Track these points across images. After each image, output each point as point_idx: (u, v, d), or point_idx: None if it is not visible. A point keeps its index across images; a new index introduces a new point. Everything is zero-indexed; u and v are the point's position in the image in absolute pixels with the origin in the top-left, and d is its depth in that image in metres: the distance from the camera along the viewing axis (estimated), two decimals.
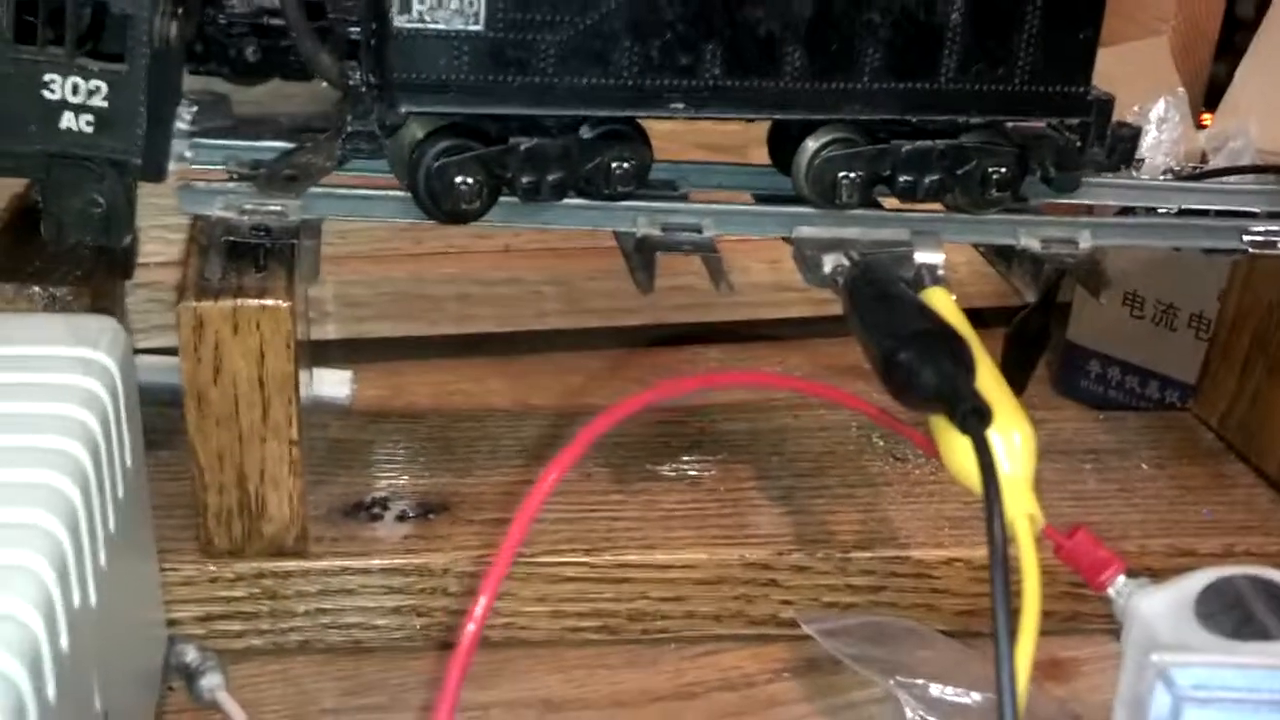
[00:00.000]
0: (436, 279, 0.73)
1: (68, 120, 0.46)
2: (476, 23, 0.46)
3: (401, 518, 0.55)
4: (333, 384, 0.58)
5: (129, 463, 0.44)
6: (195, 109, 0.52)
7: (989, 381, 0.45)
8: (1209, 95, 1.01)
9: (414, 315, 0.73)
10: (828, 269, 0.52)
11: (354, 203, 0.50)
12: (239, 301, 0.48)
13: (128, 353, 0.45)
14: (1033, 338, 0.72)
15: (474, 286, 0.72)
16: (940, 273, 0.53)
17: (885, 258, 0.53)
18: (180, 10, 0.48)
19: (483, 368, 0.71)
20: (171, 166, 0.49)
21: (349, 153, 0.48)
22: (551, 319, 0.71)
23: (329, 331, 0.72)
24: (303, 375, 0.52)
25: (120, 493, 0.42)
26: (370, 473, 0.57)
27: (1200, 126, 0.92)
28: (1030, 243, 0.55)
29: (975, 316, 0.48)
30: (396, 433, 0.60)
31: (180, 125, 0.50)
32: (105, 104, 0.46)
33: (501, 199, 0.50)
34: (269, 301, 0.48)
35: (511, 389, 0.69)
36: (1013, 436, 0.44)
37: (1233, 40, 1.13)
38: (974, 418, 0.42)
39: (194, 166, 0.52)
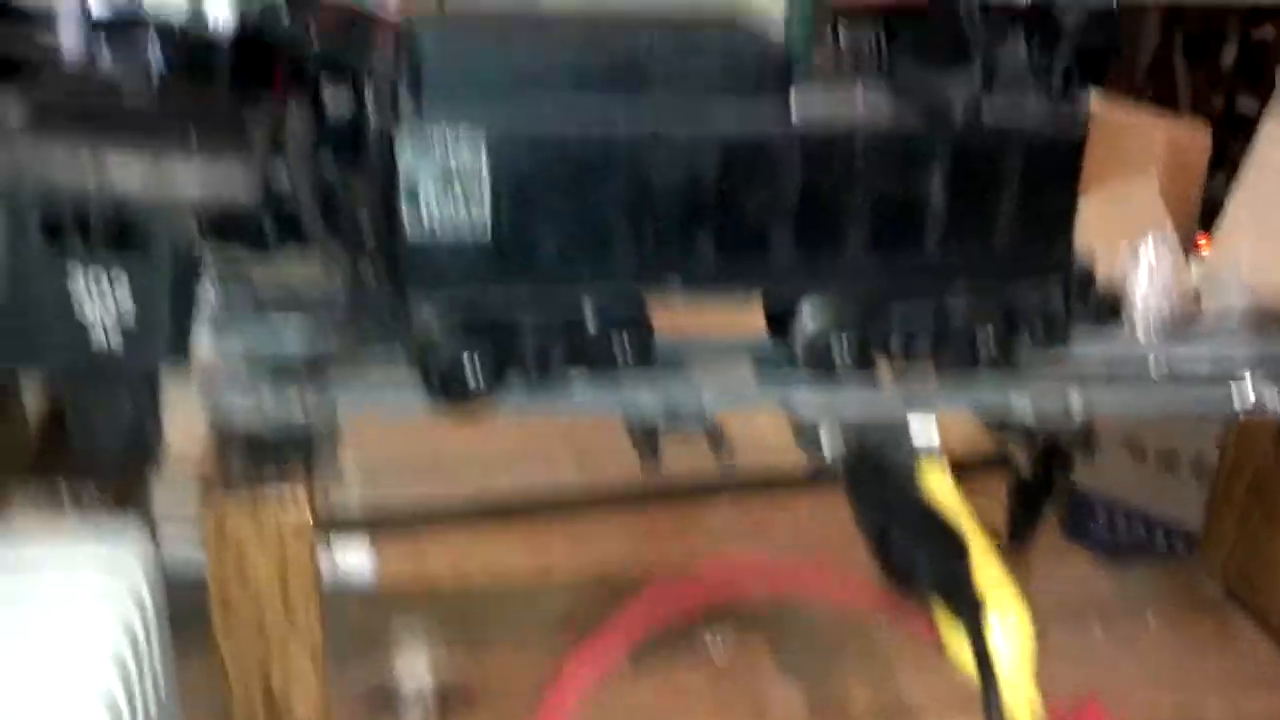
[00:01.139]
0: (454, 445, 0.75)
1: (96, 331, 0.48)
2: (485, 236, 0.49)
3: (422, 709, 0.56)
4: (353, 564, 0.60)
5: (160, 676, 0.45)
6: (216, 294, 0.54)
7: (984, 561, 0.46)
8: (1205, 214, 1.04)
9: (432, 481, 0.75)
10: (825, 444, 0.54)
11: (368, 395, 0.53)
12: (260, 501, 0.50)
13: (154, 558, 0.47)
14: (1036, 489, 0.74)
15: (491, 452, 0.73)
16: (934, 446, 0.55)
17: (880, 433, 0.55)
18: (200, 218, 0.50)
19: (502, 534, 0.72)
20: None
21: (365, 343, 0.51)
22: (569, 484, 0.73)
23: (349, 498, 0.74)
24: (323, 555, 0.54)
25: (153, 708, 0.44)
26: (390, 659, 0.58)
27: (1197, 249, 0.94)
28: (1022, 406, 0.57)
29: (977, 467, 0.49)
30: (417, 613, 0.61)
31: (202, 311, 0.52)
32: (132, 315, 0.48)
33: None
34: (290, 501, 0.50)
35: (531, 557, 0.70)
36: (1009, 620, 0.45)
37: (1228, 147, 1.16)
38: (968, 609, 0.43)
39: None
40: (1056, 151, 0.55)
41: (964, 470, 0.52)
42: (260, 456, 0.50)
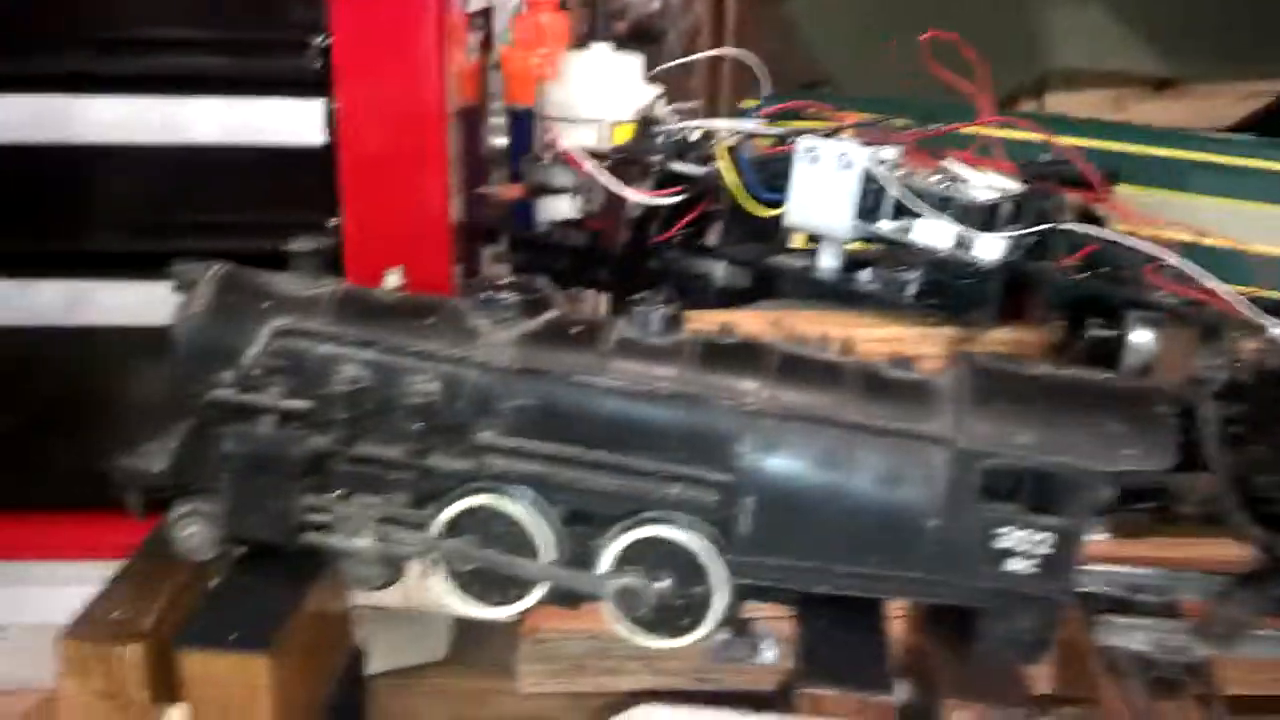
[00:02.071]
0: None
1: (1013, 564, 0.54)
2: None
3: None
4: None
5: None
6: None
7: None
8: None
9: None
10: None
11: (1253, 643, 0.58)
12: None
13: None
14: None
15: None
16: None
17: None
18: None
19: None
20: None
21: (1273, 610, 0.56)
22: None
23: None
24: None
25: None
26: None
27: None
28: None
29: None
30: None
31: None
32: (1048, 551, 0.54)
33: None
34: None
35: None
36: None
37: None
38: None
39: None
40: None
41: None
42: (1161, 689, 0.55)
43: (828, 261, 0.78)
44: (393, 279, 0.62)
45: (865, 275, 0.77)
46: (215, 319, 0.59)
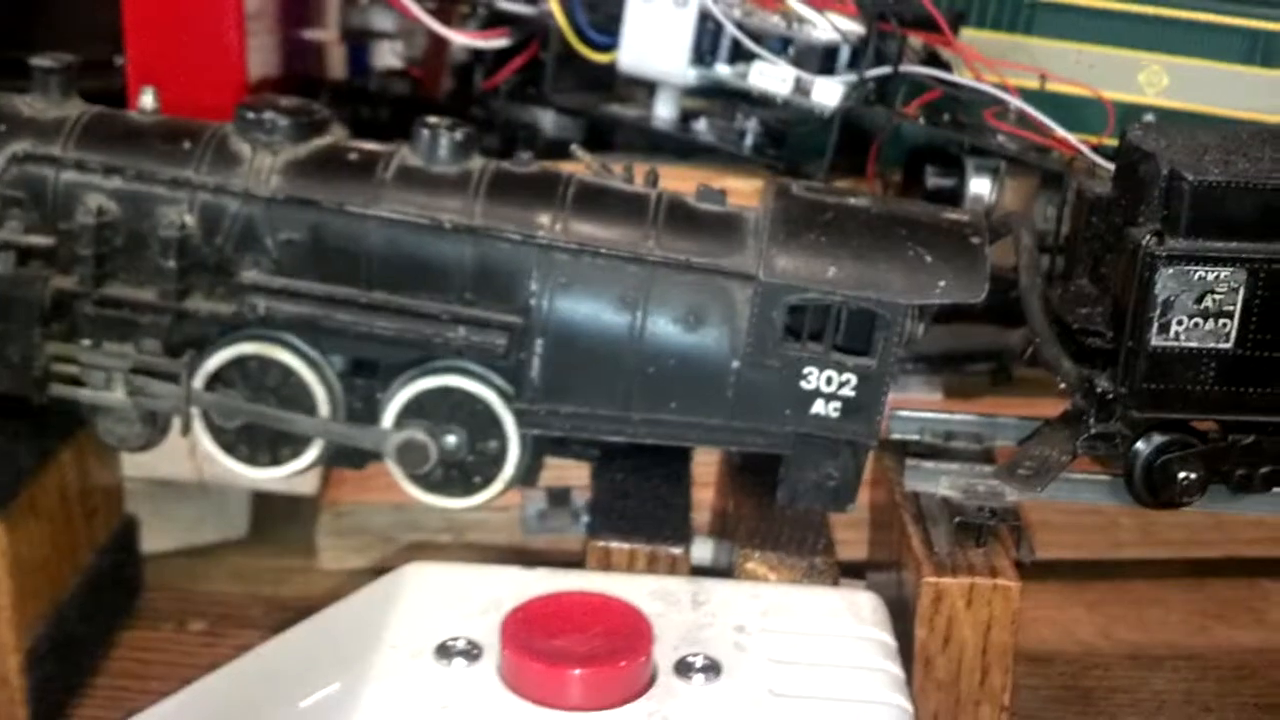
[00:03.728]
0: None
1: (817, 406, 0.51)
2: (1226, 341, 0.51)
3: None
4: None
5: None
6: None
7: None
8: None
9: None
10: None
11: (1066, 487, 0.54)
12: (974, 579, 0.52)
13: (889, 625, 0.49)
14: None
15: (1053, 514, 0.72)
16: None
17: None
18: (921, 311, 0.53)
19: (1058, 593, 0.72)
20: None
21: (1086, 450, 0.52)
22: (1128, 549, 0.73)
23: None
24: None
25: None
26: None
27: None
28: None
29: None
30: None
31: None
32: (852, 394, 0.50)
33: None
34: (1000, 581, 0.52)
35: (1091, 619, 0.71)
36: None
37: None
38: None
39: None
40: None
41: None
42: (967, 535, 0.52)
43: (664, 111, 0.73)
44: (147, 99, 0.55)
45: (701, 125, 0.71)
46: None
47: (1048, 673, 0.64)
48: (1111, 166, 0.55)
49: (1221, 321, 0.49)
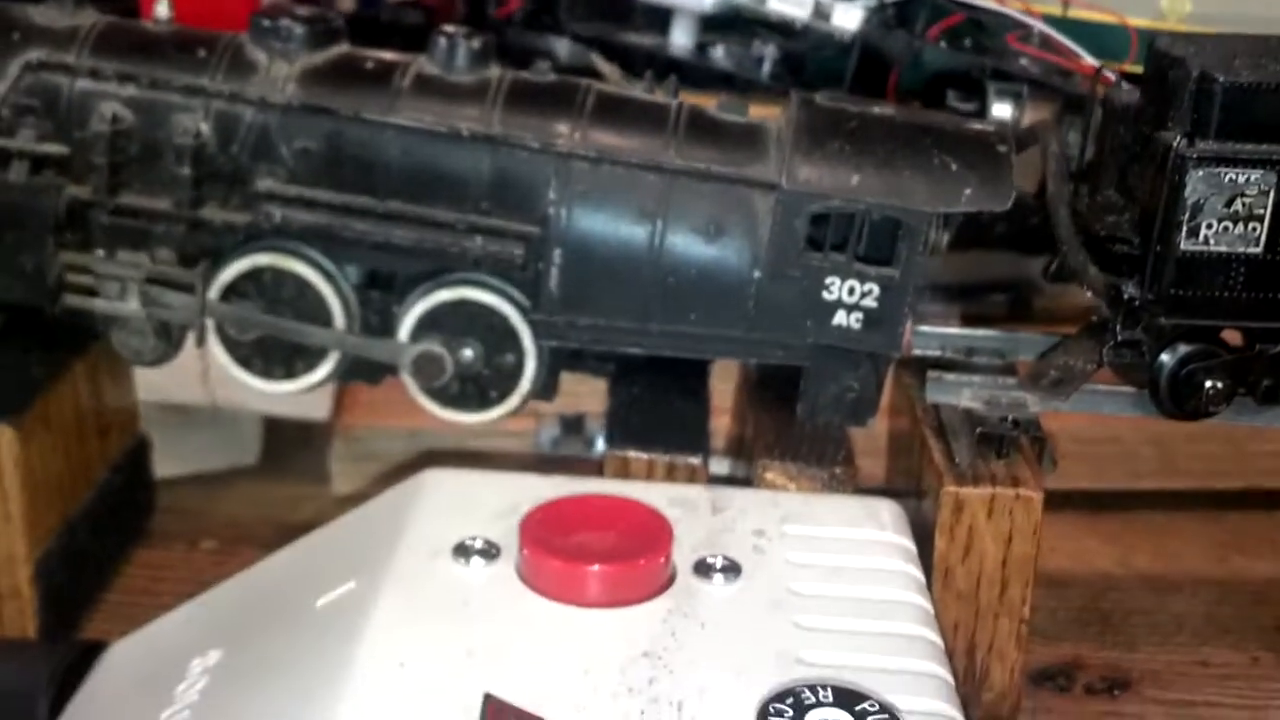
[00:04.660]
0: None
1: (839, 318, 0.50)
2: (1256, 246, 0.50)
3: (1089, 690, 0.57)
4: None
5: None
6: None
7: None
8: None
9: None
10: None
11: (1089, 398, 0.53)
12: (996, 489, 0.51)
13: (910, 532, 0.49)
14: None
15: (1070, 444, 0.71)
16: None
17: None
18: (945, 221, 0.53)
19: (1075, 524, 0.70)
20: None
21: (1111, 359, 0.52)
22: (1146, 480, 0.73)
23: None
24: None
25: None
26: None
27: None
28: None
29: None
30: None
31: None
32: (875, 305, 0.50)
33: None
34: (1023, 491, 0.51)
35: (1108, 549, 0.71)
36: None
37: None
38: None
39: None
40: None
41: None
42: (989, 446, 0.52)
43: (680, 38, 0.72)
44: (162, 8, 0.54)
45: (719, 52, 0.71)
46: None
47: (1065, 595, 0.63)
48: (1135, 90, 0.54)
49: (1252, 225, 0.48)
